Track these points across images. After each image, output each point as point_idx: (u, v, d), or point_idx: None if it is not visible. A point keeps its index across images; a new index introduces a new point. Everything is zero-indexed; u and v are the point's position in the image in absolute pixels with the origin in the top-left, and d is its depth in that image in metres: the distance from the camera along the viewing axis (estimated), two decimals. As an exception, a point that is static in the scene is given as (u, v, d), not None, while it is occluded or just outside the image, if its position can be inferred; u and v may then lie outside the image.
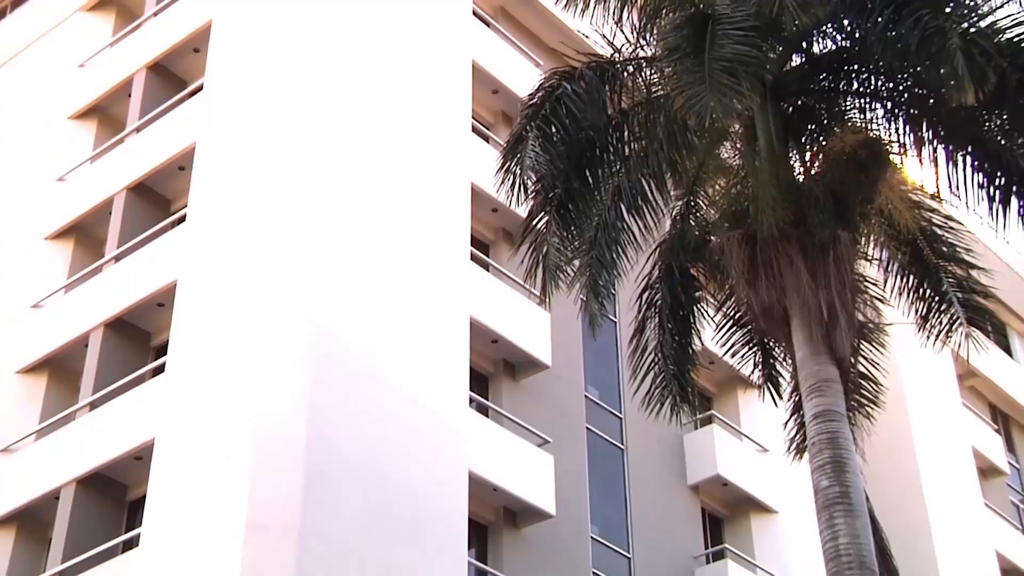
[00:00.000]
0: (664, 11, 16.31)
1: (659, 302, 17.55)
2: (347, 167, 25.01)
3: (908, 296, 17.34)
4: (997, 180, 15.64)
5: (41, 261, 28.31)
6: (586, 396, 29.04)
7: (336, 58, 26.10)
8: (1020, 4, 15.26)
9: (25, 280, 28.09)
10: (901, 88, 16.01)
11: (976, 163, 15.67)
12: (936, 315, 17.19)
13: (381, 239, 24.78)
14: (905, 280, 17.29)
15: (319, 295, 23.26)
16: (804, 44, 16.42)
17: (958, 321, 17.01)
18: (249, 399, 22.17)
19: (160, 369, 24.35)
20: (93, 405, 24.96)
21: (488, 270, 27.59)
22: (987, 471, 40.71)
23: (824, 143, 16.32)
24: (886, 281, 17.49)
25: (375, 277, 24.30)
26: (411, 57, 27.66)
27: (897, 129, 16.01)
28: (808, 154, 16.50)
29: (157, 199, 27.67)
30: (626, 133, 16.59)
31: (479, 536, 25.12)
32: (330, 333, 23.02)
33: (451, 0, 29.50)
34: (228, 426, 22.09)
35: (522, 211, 16.96)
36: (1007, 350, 44.82)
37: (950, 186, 15.78)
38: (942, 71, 14.05)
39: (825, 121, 16.49)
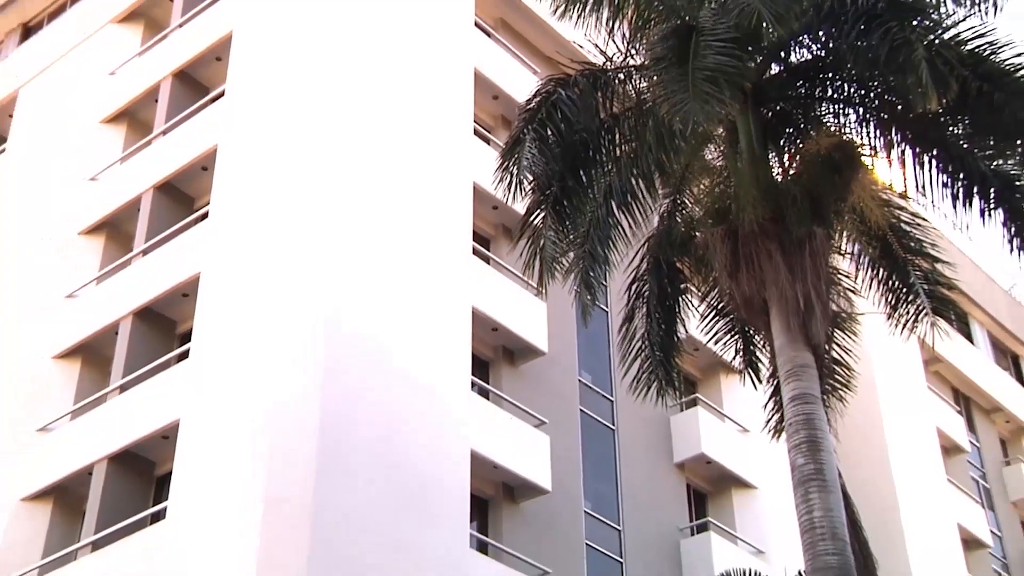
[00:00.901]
0: (651, 23, 16.32)
1: (647, 293, 17.55)
2: (358, 168, 25.00)
3: (878, 288, 17.37)
4: (960, 180, 15.66)
5: (75, 254, 28.33)
6: (579, 380, 29.04)
7: (348, 66, 26.08)
8: (981, 18, 15.33)
9: (60, 272, 28.10)
10: (871, 95, 16.01)
11: (940, 165, 15.68)
12: (904, 305, 17.21)
13: (389, 234, 24.78)
14: (875, 273, 17.31)
15: (331, 287, 23.25)
16: (782, 54, 16.40)
17: (924, 311, 17.03)
18: (266, 383, 22.19)
19: (185, 355, 24.38)
20: (123, 388, 25.00)
21: (489, 263, 27.58)
22: (950, 449, 40.77)
23: (801, 146, 16.30)
24: (858, 274, 17.52)
25: (384, 270, 24.30)
26: (417, 65, 27.63)
27: (868, 133, 15.98)
28: (786, 156, 16.48)
29: (182, 197, 27.70)
30: (617, 136, 16.56)
31: (480, 510, 25.13)
32: (342, 322, 23.02)
33: (455, 12, 29.48)
34: (247, 408, 22.11)
35: (520, 208, 16.95)
36: (969, 338, 44.85)
37: (917, 186, 15.80)
38: (909, 79, 14.03)
39: (802, 125, 16.48)
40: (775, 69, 16.57)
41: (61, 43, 33.14)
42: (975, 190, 15.60)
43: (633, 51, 16.46)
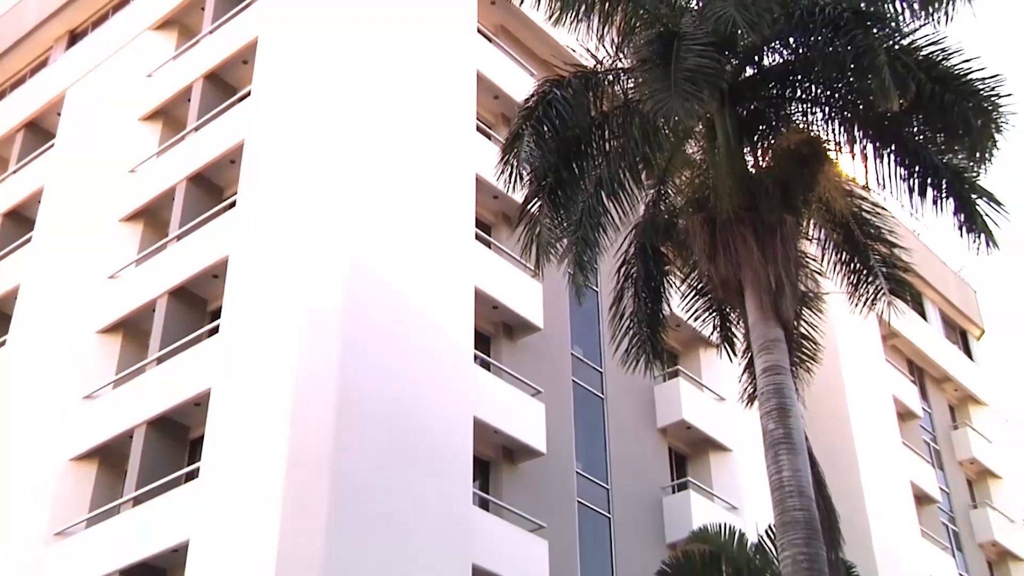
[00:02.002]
0: (637, 29, 16.24)
1: (634, 275, 17.52)
2: (372, 161, 24.99)
3: (841, 270, 17.34)
4: (915, 173, 15.67)
5: (116, 238, 28.33)
6: (572, 354, 29.06)
7: (362, 69, 26.03)
8: (934, 27, 15.33)
9: (103, 255, 28.09)
10: (837, 96, 15.96)
11: (898, 159, 15.70)
12: (864, 286, 17.19)
13: (400, 222, 24.78)
14: (839, 256, 17.28)
15: (347, 269, 23.24)
16: (756, 58, 16.33)
17: (882, 291, 17.02)
18: (289, 356, 22.21)
19: (215, 330, 24.39)
20: (160, 360, 25.05)
21: (490, 247, 27.55)
22: (904, 415, 40.88)
23: (772, 141, 16.25)
24: (823, 257, 17.48)
25: (395, 254, 24.30)
26: (425, 67, 27.60)
27: (833, 130, 15.94)
28: (759, 150, 16.42)
29: (212, 187, 27.69)
30: (606, 132, 16.51)
31: (482, 470, 25.19)
32: (357, 301, 23.04)
33: (459, 19, 29.41)
34: (272, 378, 22.14)
35: (519, 197, 16.90)
36: (922, 315, 44.95)
37: (877, 178, 15.80)
38: (871, 82, 14.08)
39: (773, 123, 16.41)
40: (749, 71, 16.49)
41: (104, 48, 33.07)
42: (928, 182, 15.62)
43: (621, 55, 16.38)
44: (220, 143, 27.16)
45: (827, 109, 16.02)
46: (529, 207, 16.60)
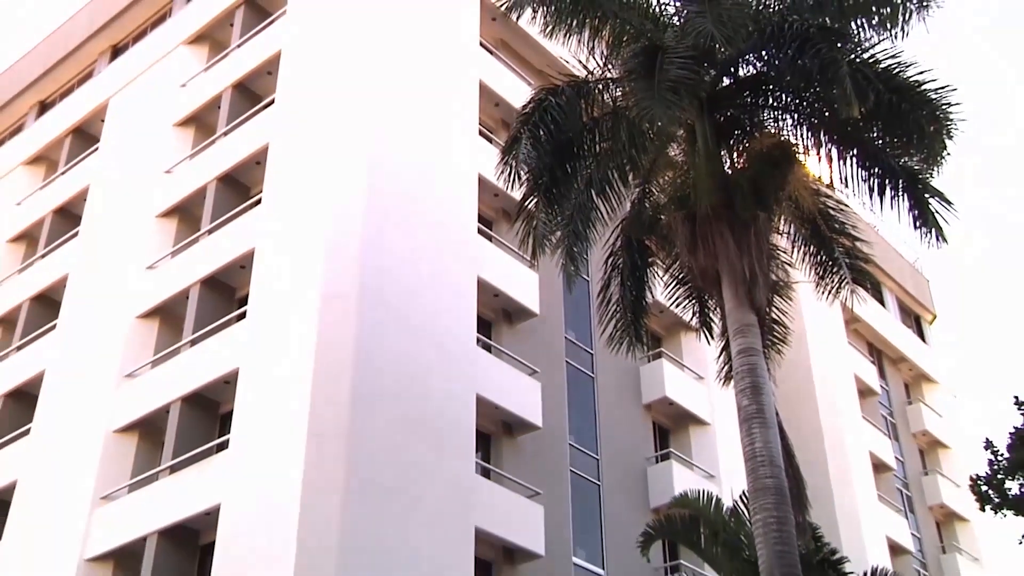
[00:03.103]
0: (624, 43, 16.16)
1: (621, 265, 17.47)
2: (384, 163, 24.90)
3: (809, 261, 17.29)
4: (874, 174, 15.64)
5: (153, 233, 28.30)
6: (565, 337, 29.01)
7: (375, 79, 25.92)
8: (892, 42, 15.33)
9: (142, 248, 28.06)
10: (805, 103, 15.89)
11: (859, 161, 15.64)
12: (829, 275, 17.15)
13: (409, 218, 24.70)
14: (807, 249, 17.23)
15: (362, 262, 23.17)
16: (732, 69, 16.26)
17: (845, 280, 16.98)
18: (311, 340, 22.13)
19: (243, 315, 24.34)
20: (193, 342, 25.00)
21: (491, 241, 27.50)
22: (864, 392, 40.86)
23: (747, 145, 16.20)
24: (793, 250, 17.44)
25: (406, 247, 24.22)
26: (433, 78, 27.51)
27: (802, 135, 15.89)
28: (735, 153, 16.36)
29: (239, 186, 27.64)
30: (597, 135, 16.44)
31: (484, 442, 25.16)
32: (371, 290, 22.96)
33: (463, 34, 29.31)
34: (295, 358, 22.09)
35: (517, 195, 16.85)
36: (881, 302, 44.97)
37: (840, 178, 15.73)
38: (835, 91, 14.05)
39: (748, 128, 16.35)
40: (726, 81, 16.41)
41: (143, 61, 33.00)
42: (886, 182, 15.57)
43: (609, 66, 16.33)
44: (247, 146, 27.11)
45: (796, 116, 15.96)
46: (526, 204, 16.56)
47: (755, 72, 16.20)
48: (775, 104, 16.17)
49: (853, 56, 14.59)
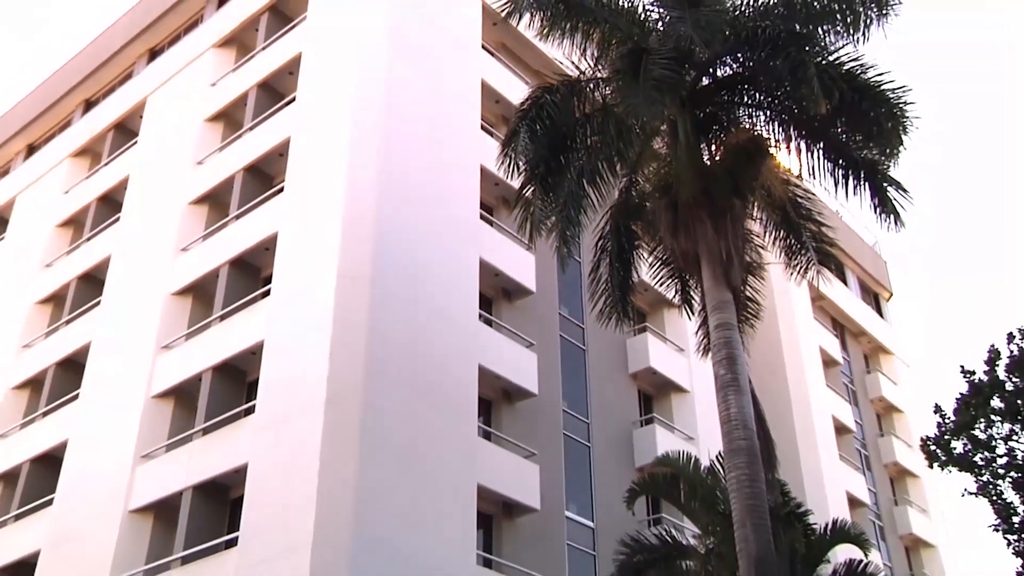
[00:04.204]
0: (612, 46, 16.02)
1: (609, 248, 17.37)
2: (395, 155, 24.74)
3: (779, 244, 17.22)
4: (839, 165, 15.56)
5: (187, 218, 28.17)
6: (559, 313, 28.94)
7: (387, 79, 25.74)
8: (854, 46, 15.25)
9: (176, 232, 27.94)
10: (776, 101, 15.77)
11: (825, 154, 15.57)
12: (797, 257, 17.08)
13: (419, 205, 24.57)
14: (777, 233, 17.15)
15: (375, 242, 23.05)
16: (710, 70, 16.09)
17: (812, 261, 16.93)
18: (328, 314, 22.05)
19: (267, 293, 24.26)
20: (222, 317, 24.93)
21: (492, 225, 27.35)
22: (828, 363, 40.86)
23: (724, 139, 16.08)
24: (765, 234, 17.35)
25: (415, 231, 24.10)
26: (439, 77, 27.32)
27: (773, 130, 15.78)
28: (713, 146, 16.24)
29: (264, 176, 27.50)
30: (588, 130, 16.30)
31: (485, 408, 25.11)
32: (382, 269, 22.86)
33: (467, 39, 29.09)
34: (314, 332, 22.01)
35: (516, 184, 16.74)
36: (844, 281, 44.85)
37: (808, 169, 15.65)
38: (803, 90, 13.97)
39: (725, 123, 16.23)
40: (705, 81, 16.25)
41: (177, 63, 32.77)
42: (849, 172, 15.51)
43: (599, 66, 16.19)
44: (270, 139, 26.95)
45: (768, 112, 15.85)
46: (524, 192, 16.46)
47: (731, 73, 16.06)
48: (749, 102, 16.04)
49: (820, 59, 14.50)
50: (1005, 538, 16.82)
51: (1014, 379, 17.42)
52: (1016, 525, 16.82)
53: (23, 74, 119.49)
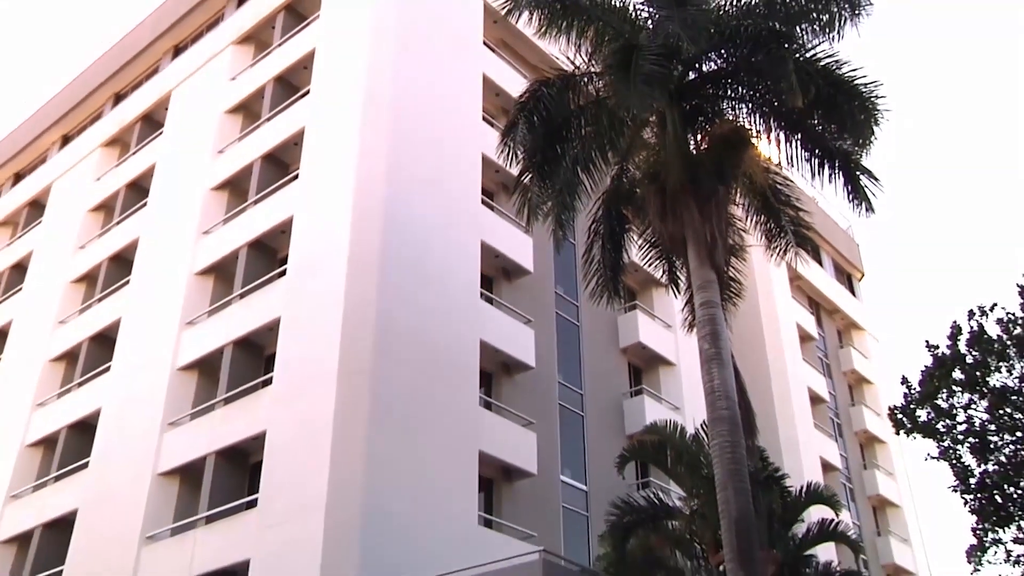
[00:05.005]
0: (605, 42, 15.87)
1: (602, 231, 17.26)
2: (403, 144, 24.63)
3: (760, 228, 17.12)
4: (815, 155, 15.46)
5: (208, 203, 28.09)
6: (555, 292, 28.88)
7: (395, 73, 25.60)
8: (830, 44, 15.19)
9: (199, 215, 27.87)
10: (757, 95, 15.61)
11: (803, 144, 15.47)
12: (776, 240, 16.96)
13: (424, 189, 24.48)
14: (758, 218, 17.04)
15: (384, 226, 22.96)
16: (696, 65, 15.97)
17: (790, 244, 16.83)
18: (340, 291, 22.02)
19: (283, 272, 24.20)
20: (242, 295, 24.89)
21: (493, 210, 27.25)
22: (804, 338, 40.83)
23: (709, 129, 15.95)
24: (747, 218, 17.27)
25: (421, 214, 24.01)
26: (443, 72, 27.17)
27: (755, 121, 15.62)
28: (699, 136, 16.11)
29: (280, 164, 27.37)
30: (582, 121, 16.16)
31: (486, 380, 25.09)
32: (391, 250, 22.79)
33: (469, 36, 28.91)
34: (327, 308, 21.98)
35: (515, 171, 16.65)
36: (819, 262, 44.79)
37: (787, 158, 15.55)
38: (782, 84, 13.88)
39: (710, 115, 16.06)
40: (691, 75, 16.13)
41: (200, 58, 32.60)
42: (825, 161, 15.42)
43: (593, 61, 16.06)
44: (286, 130, 26.83)
45: (750, 105, 15.70)
46: (522, 179, 16.37)
47: (716, 68, 15.92)
48: (733, 95, 15.89)
49: (797, 55, 14.45)
50: (963, 498, 16.95)
51: (974, 353, 17.48)
52: (973, 486, 16.91)
53: (57, 71, 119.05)
